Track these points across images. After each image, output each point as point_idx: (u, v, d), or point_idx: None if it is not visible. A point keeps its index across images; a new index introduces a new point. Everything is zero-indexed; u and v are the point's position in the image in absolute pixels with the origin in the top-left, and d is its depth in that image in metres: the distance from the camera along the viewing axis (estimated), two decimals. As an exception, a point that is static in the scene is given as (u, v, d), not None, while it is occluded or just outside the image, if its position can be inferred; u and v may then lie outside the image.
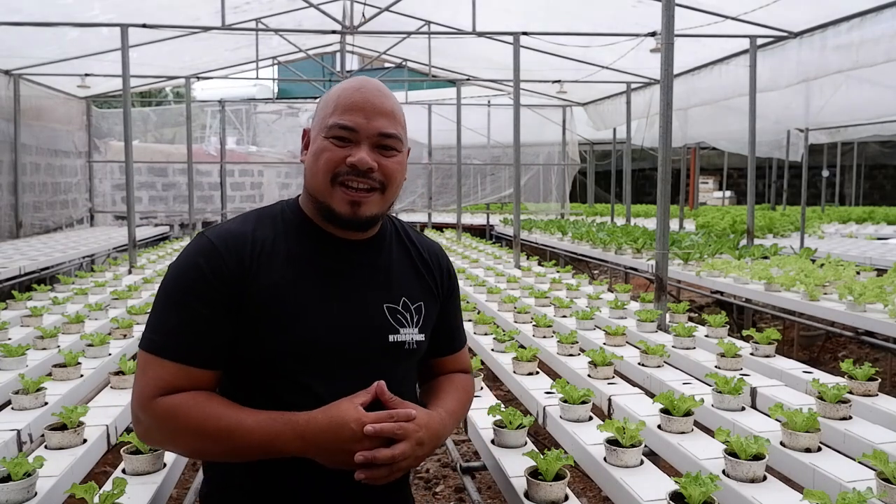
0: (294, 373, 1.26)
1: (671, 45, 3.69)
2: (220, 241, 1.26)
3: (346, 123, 1.27)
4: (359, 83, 1.33)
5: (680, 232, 9.24)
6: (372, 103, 1.29)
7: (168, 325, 1.24)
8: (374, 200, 1.30)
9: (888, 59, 5.70)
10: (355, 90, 1.30)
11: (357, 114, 1.28)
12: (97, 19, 7.53)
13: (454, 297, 1.53)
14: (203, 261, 1.24)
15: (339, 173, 1.28)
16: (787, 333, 6.34)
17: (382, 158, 1.29)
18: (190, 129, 9.64)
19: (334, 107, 1.29)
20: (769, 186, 17.56)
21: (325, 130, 1.29)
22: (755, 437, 1.78)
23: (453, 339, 1.54)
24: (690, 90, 8.78)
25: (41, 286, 4.92)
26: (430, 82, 13.10)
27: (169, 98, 20.30)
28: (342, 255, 1.34)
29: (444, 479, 4.11)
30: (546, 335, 3.54)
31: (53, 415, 2.09)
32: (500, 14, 8.14)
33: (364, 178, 1.28)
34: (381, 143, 1.29)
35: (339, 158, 1.27)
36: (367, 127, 1.28)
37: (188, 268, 1.25)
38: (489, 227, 13.83)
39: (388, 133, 1.29)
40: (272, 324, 1.25)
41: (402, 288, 1.39)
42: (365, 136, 1.28)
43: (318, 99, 1.39)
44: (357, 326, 1.31)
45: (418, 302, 1.40)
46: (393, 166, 1.31)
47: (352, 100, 1.29)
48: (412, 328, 1.37)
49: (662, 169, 3.74)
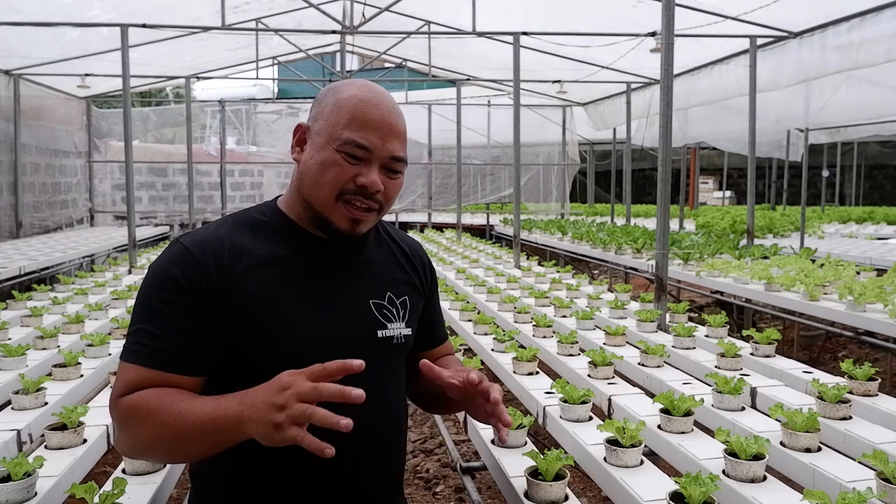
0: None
1: (671, 45, 3.69)
2: (196, 249, 1.23)
3: (363, 143, 1.24)
4: (376, 97, 1.28)
5: (680, 232, 9.24)
6: (388, 123, 1.26)
7: (147, 334, 1.19)
8: (371, 218, 1.30)
9: (888, 59, 5.69)
10: (374, 106, 1.26)
11: (373, 133, 1.25)
12: (97, 19, 7.53)
13: (436, 290, 1.55)
14: (179, 271, 1.20)
15: (346, 191, 1.25)
16: (787, 333, 6.34)
17: (388, 180, 1.29)
18: (190, 129, 9.65)
19: (349, 119, 1.25)
20: (769, 186, 17.56)
21: (337, 143, 1.24)
22: (755, 437, 1.78)
23: (438, 331, 1.55)
24: (690, 90, 8.78)
25: (41, 286, 4.93)
26: (430, 82, 13.10)
27: (169, 98, 20.30)
28: (324, 254, 1.33)
29: (444, 479, 4.11)
30: (546, 335, 3.54)
31: (53, 415, 2.09)
32: (500, 14, 8.14)
33: (369, 199, 1.27)
34: (391, 166, 1.28)
35: (348, 176, 1.25)
36: (381, 148, 1.26)
37: (164, 278, 1.21)
38: (489, 227, 13.83)
39: (398, 157, 1.28)
40: (258, 329, 1.22)
41: (387, 283, 1.39)
42: (378, 157, 1.26)
43: (322, 93, 1.35)
44: (345, 325, 1.30)
45: (403, 296, 1.40)
46: (395, 188, 1.31)
47: (369, 116, 1.25)
48: (399, 322, 1.37)
49: (662, 169, 3.74)
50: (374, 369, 1.28)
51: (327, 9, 8.35)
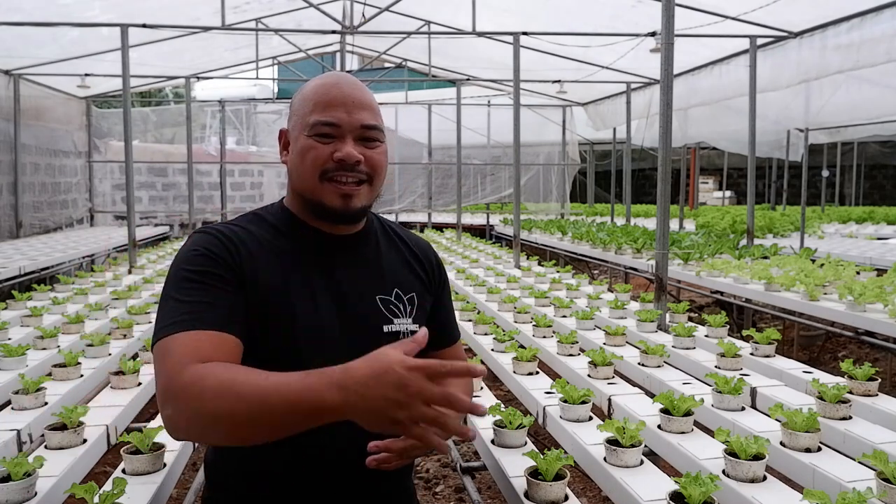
0: (290, 367, 1.26)
1: (671, 45, 3.69)
2: (218, 233, 1.28)
3: (329, 119, 1.27)
4: (333, 79, 1.33)
5: (680, 232, 9.24)
6: (351, 97, 1.29)
7: (189, 305, 1.18)
8: (363, 192, 1.31)
9: (888, 59, 5.69)
10: (332, 86, 1.30)
11: (338, 109, 1.28)
12: (97, 19, 7.53)
13: (446, 289, 1.55)
14: (205, 247, 1.25)
15: (328, 170, 1.28)
16: (787, 333, 6.34)
17: (367, 150, 1.30)
18: (190, 129, 9.65)
19: (313, 105, 1.29)
20: (769, 186, 17.55)
21: (308, 129, 1.29)
22: (755, 437, 1.78)
23: (449, 331, 1.55)
24: (690, 90, 8.78)
25: (41, 286, 4.92)
26: (430, 82, 13.10)
27: (169, 98, 20.30)
28: (331, 249, 1.35)
29: (444, 479, 4.11)
30: (546, 335, 3.54)
31: (53, 415, 2.09)
32: (499, 14, 8.14)
33: (352, 171, 1.29)
34: (364, 135, 1.30)
35: (325, 155, 1.28)
36: (349, 121, 1.28)
37: (192, 255, 1.24)
38: (489, 227, 13.82)
39: (370, 125, 1.30)
40: (267, 321, 1.25)
41: (394, 279, 1.40)
42: (348, 130, 1.29)
43: (293, 97, 1.39)
44: (350, 319, 1.31)
45: (411, 293, 1.41)
46: (378, 157, 1.32)
47: (330, 95, 1.29)
48: (406, 318, 1.38)
49: (662, 169, 3.74)
50: None
51: (327, 9, 8.35)
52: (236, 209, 13.44)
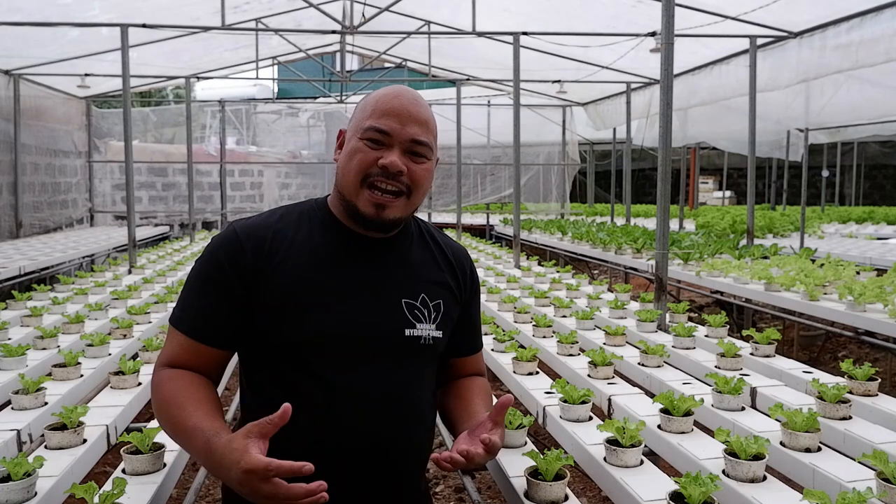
0: (308, 362, 1.31)
1: (671, 45, 3.69)
2: (243, 233, 1.36)
3: (381, 127, 1.32)
4: (397, 91, 1.38)
5: (680, 232, 9.24)
6: (408, 110, 1.34)
7: (187, 303, 1.37)
8: (399, 205, 1.35)
9: (888, 59, 5.69)
10: (394, 97, 1.35)
11: (392, 119, 1.33)
12: (97, 19, 7.53)
13: (476, 299, 1.57)
14: (223, 251, 1.35)
15: (370, 174, 1.33)
16: (787, 333, 6.34)
17: (412, 164, 1.34)
18: (190, 129, 9.64)
19: (371, 111, 1.34)
20: (769, 186, 17.56)
21: (361, 132, 1.34)
22: (755, 437, 1.78)
23: (474, 340, 1.57)
24: (690, 90, 8.78)
25: (41, 286, 4.92)
26: (430, 82, 13.10)
27: (169, 98, 20.29)
28: (363, 251, 1.39)
29: (444, 479, 4.11)
30: (546, 335, 3.54)
31: (53, 415, 2.09)
32: (499, 14, 8.14)
33: (393, 180, 1.33)
34: (413, 149, 1.34)
35: (371, 159, 1.32)
36: (400, 132, 1.33)
37: (210, 255, 1.37)
38: (489, 227, 13.83)
39: (419, 140, 1.34)
40: (288, 313, 1.30)
41: (423, 285, 1.42)
42: (398, 140, 1.33)
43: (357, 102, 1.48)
44: (372, 319, 1.34)
45: (438, 299, 1.43)
46: (421, 172, 1.36)
47: (389, 105, 1.34)
48: (429, 324, 1.39)
49: (662, 169, 3.74)
50: (399, 366, 1.34)
51: (327, 9, 8.35)
52: (236, 209, 13.43)
